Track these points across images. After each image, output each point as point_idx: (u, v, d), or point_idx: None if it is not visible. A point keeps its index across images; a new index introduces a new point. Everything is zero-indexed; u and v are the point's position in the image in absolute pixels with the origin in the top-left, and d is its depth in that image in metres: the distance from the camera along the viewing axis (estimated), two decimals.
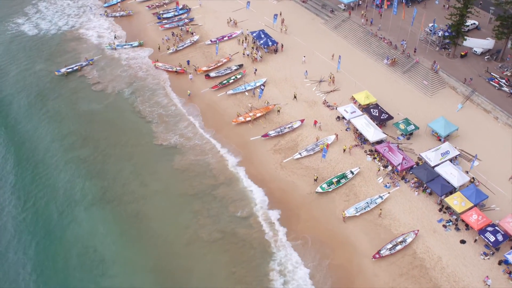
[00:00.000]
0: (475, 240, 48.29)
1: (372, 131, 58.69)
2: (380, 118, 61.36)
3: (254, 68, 73.25)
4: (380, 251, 47.62)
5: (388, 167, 56.30)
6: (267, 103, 66.64)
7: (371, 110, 62.31)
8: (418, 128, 60.01)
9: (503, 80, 65.21)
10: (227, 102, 68.59)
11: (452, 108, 64.25)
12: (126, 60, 78.49)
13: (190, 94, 69.62)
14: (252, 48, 77.78)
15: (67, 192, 56.23)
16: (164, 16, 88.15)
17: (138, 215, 53.69)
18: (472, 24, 75.67)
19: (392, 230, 50.13)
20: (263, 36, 77.11)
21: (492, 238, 46.64)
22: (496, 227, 47.74)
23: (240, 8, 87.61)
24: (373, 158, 57.87)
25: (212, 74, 73.22)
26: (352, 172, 55.98)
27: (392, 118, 61.67)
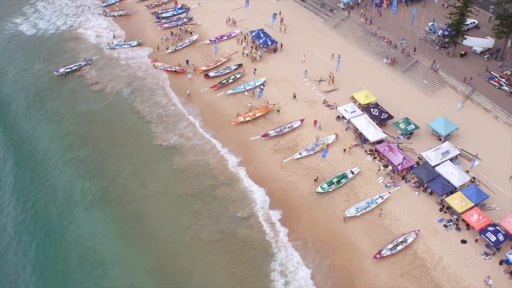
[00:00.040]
0: (476, 240, 48.23)
1: (372, 131, 58.56)
2: (380, 117, 61.21)
3: (254, 68, 73.06)
4: (381, 251, 47.52)
5: (389, 166, 56.18)
6: (266, 102, 66.45)
7: (371, 109, 62.16)
8: (418, 128, 59.90)
9: (503, 79, 65.12)
10: (226, 101, 68.38)
11: (452, 108, 64.16)
12: (125, 59, 78.18)
13: (190, 94, 69.39)
14: (252, 47, 77.56)
15: (66, 193, 56.01)
16: (162, 15, 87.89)
17: (138, 216, 53.50)
18: (471, 23, 75.64)
19: (393, 230, 50.03)
20: (263, 35, 76.91)
21: (493, 238, 46.55)
22: (497, 227, 47.67)
23: (239, 8, 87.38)
24: (373, 157, 57.75)
25: (211, 74, 73.00)
26: (352, 172, 55.85)
27: (392, 117, 61.54)
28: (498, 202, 51.93)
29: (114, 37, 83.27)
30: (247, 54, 76.37)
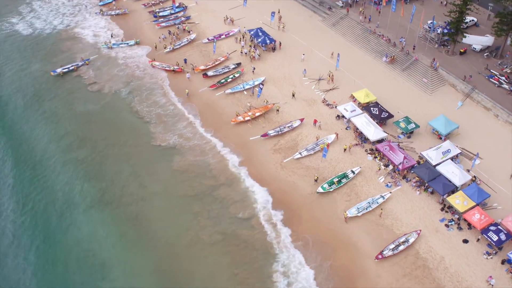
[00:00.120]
0: (477, 239, 48.14)
1: (373, 130, 58.31)
2: (381, 116, 60.97)
3: (252, 67, 72.64)
4: (383, 252, 47.35)
5: (389, 166, 55.98)
6: (266, 102, 66.09)
7: (371, 108, 61.90)
8: (419, 127, 59.67)
9: (503, 77, 64.97)
10: (225, 101, 67.98)
11: (452, 106, 64.00)
12: (123, 59, 77.47)
13: (188, 93, 68.94)
14: (250, 46, 77.12)
15: (65, 195, 55.51)
16: (160, 14, 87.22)
17: (138, 217, 53.10)
18: (470, 20, 75.42)
19: (394, 230, 49.87)
20: (261, 34, 76.49)
21: (495, 238, 46.44)
22: (498, 226, 47.57)
23: (237, 6, 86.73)
24: (374, 157, 57.53)
25: (210, 73, 72.53)
26: (353, 172, 55.61)
27: (392, 116, 61.32)
28: (499, 201, 51.82)
29: (111, 36, 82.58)
30: (245, 53, 75.94)
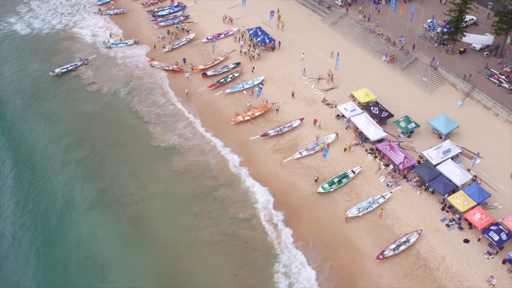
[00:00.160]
0: (478, 239, 48.04)
1: (373, 130, 58.18)
2: (381, 116, 60.83)
3: (252, 66, 72.44)
4: (384, 252, 47.25)
5: (390, 166, 55.87)
6: (266, 101, 65.90)
7: (371, 108, 61.76)
8: (419, 126, 59.55)
9: (503, 76, 64.88)
10: (225, 101, 67.78)
11: (452, 105, 63.89)
12: (122, 58, 77.19)
13: (188, 93, 68.73)
14: (249, 45, 76.89)
15: (65, 196, 55.24)
16: (159, 13, 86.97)
17: (138, 218, 52.85)
18: (470, 19, 75.27)
19: (395, 230, 49.76)
20: (260, 33, 76.28)
21: (496, 237, 46.37)
22: (499, 226, 47.50)
23: (236, 5, 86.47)
24: (374, 157, 57.41)
25: (209, 73, 72.29)
26: (353, 172, 55.48)
27: (392, 116, 61.19)
28: (500, 201, 51.73)
29: (110, 35, 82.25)
30: (245, 53, 75.72)
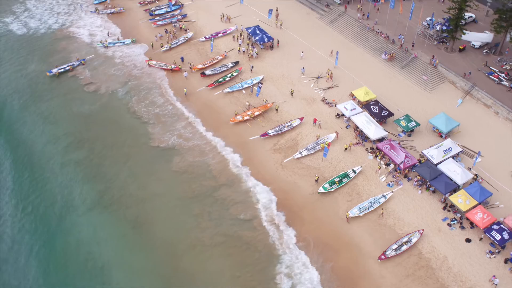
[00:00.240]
0: (480, 238, 47.96)
1: (373, 129, 57.94)
2: (381, 115, 60.59)
3: (251, 65, 72.02)
4: (386, 252, 47.09)
5: (390, 165, 55.67)
6: (265, 101, 65.55)
7: (371, 107, 61.51)
8: (419, 125, 59.34)
9: (503, 74, 64.71)
10: (224, 100, 67.39)
11: (452, 103, 63.69)
12: (120, 58, 76.66)
13: (187, 93, 68.31)
14: (248, 44, 76.45)
15: (64, 197, 54.85)
16: (156, 12, 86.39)
17: (138, 220, 52.55)
18: (469, 17, 75.00)
19: (397, 230, 49.60)
20: (259, 32, 75.81)
21: (498, 237, 46.26)
22: (501, 225, 47.37)
23: (233, 4, 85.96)
24: (374, 156, 57.18)
25: (207, 72, 71.83)
26: (354, 171, 55.26)
27: (392, 114, 60.95)
28: (501, 200, 51.63)
29: (108, 35, 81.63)
30: (243, 51, 75.30)
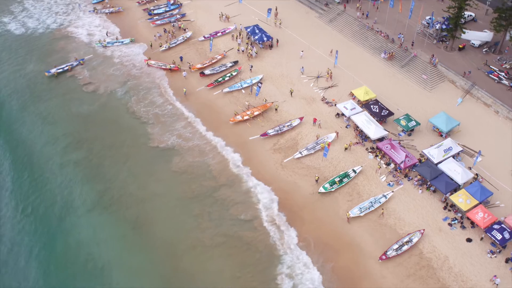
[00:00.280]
0: (481, 238, 47.87)
1: (373, 128, 57.80)
2: (381, 114, 60.46)
3: (250, 65, 71.80)
4: (387, 252, 46.99)
5: (391, 164, 55.56)
6: (265, 100, 65.37)
7: (371, 106, 61.37)
8: (420, 124, 59.22)
9: (503, 73, 64.60)
10: (223, 100, 67.19)
11: (452, 103, 63.57)
12: (119, 57, 76.41)
13: (186, 92, 68.09)
14: (247, 43, 76.22)
15: (64, 198, 54.61)
16: (155, 12, 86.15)
17: (137, 220, 52.36)
18: (468, 15, 74.92)
19: (398, 230, 49.49)
20: (258, 31, 75.58)
21: (499, 236, 46.16)
22: (502, 225, 47.25)
23: (232, 3, 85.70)
24: (375, 155, 57.06)
25: (207, 72, 71.60)
26: (354, 171, 55.12)
27: (392, 114, 60.82)
28: (501, 199, 51.54)
29: (107, 34, 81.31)
30: (242, 51, 75.08)
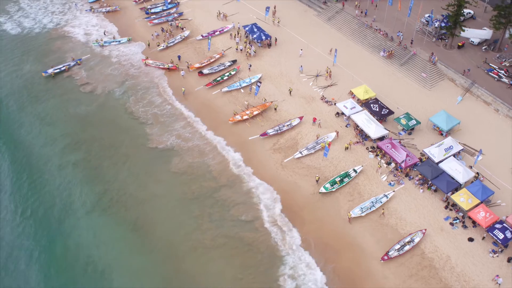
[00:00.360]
0: (483, 237, 47.76)
1: (374, 127, 57.54)
2: (381, 113, 60.20)
3: (249, 64, 71.38)
4: (389, 252, 46.84)
5: (391, 164, 55.37)
6: (264, 100, 65.02)
7: (371, 105, 61.10)
8: (420, 123, 59.02)
9: (502, 71, 64.44)
10: (222, 100, 66.79)
11: (451, 101, 63.40)
12: (117, 57, 75.75)
13: (185, 92, 67.66)
14: (245, 42, 75.80)
15: (63, 200, 54.17)
16: (152, 11, 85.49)
17: (137, 222, 52.05)
18: (467, 13, 74.69)
19: (399, 230, 49.32)
20: (256, 30, 75.14)
21: (501, 236, 46.04)
22: (504, 224, 47.14)
23: (230, 1, 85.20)
24: (375, 155, 56.85)
25: (205, 71, 71.10)
26: (355, 171, 54.90)
27: (393, 113, 60.59)
28: (503, 198, 51.44)
29: (104, 33, 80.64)
30: (241, 50, 74.65)
